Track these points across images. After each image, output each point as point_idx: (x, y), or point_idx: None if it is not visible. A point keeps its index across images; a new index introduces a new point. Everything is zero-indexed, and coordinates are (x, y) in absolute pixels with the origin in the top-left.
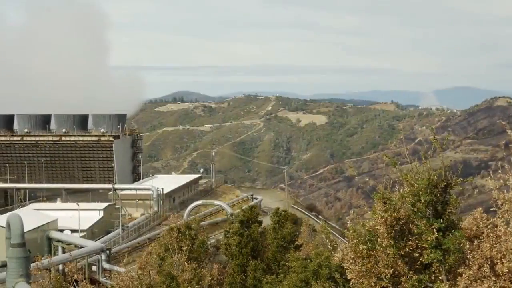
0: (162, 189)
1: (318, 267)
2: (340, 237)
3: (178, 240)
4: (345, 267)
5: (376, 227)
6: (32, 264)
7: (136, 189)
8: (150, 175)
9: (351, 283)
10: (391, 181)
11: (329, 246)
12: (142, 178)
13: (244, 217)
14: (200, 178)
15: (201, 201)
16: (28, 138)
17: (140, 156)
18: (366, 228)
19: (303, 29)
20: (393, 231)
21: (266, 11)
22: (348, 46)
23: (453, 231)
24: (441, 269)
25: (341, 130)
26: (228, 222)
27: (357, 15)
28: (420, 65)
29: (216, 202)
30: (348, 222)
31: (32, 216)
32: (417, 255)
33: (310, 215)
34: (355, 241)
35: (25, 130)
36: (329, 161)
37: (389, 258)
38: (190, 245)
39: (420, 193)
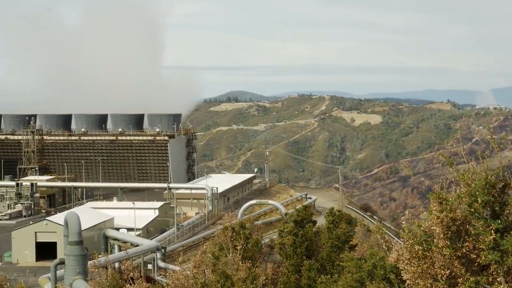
0: (217, 188)
1: (373, 267)
2: (395, 238)
3: (232, 239)
4: (400, 268)
5: (432, 228)
6: (89, 262)
7: (191, 188)
8: (205, 174)
9: (406, 284)
10: (447, 181)
11: (384, 247)
12: (197, 178)
13: (299, 217)
14: (254, 177)
15: (255, 200)
16: (85, 138)
17: (194, 156)
18: (422, 228)
19: (358, 29)
20: (450, 232)
21: (320, 11)
22: (403, 45)
23: (511, 232)
24: (499, 271)
25: (396, 129)
26: (282, 222)
27: (412, 13)
28: (477, 64)
29: (270, 201)
30: (403, 222)
31: (89, 214)
32: (474, 256)
33: (364, 215)
34: (410, 241)
35: (83, 129)
36: (384, 161)
37: (446, 259)
38: (244, 245)
39: (477, 193)
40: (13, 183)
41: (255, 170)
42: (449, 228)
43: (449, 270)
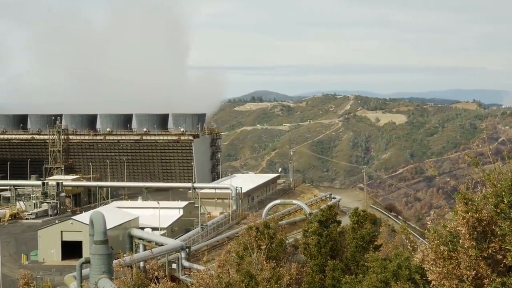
0: (241, 188)
1: (397, 268)
2: (420, 238)
3: (256, 239)
4: (425, 269)
5: (458, 228)
6: (114, 261)
7: (215, 188)
8: (229, 174)
9: (431, 284)
10: (473, 181)
11: (409, 247)
12: (221, 177)
13: (323, 217)
14: (278, 177)
15: (280, 200)
16: (111, 138)
17: (219, 155)
18: (447, 229)
19: (382, 28)
20: (475, 233)
21: (344, 10)
22: (429, 44)
23: None
24: None
25: (421, 129)
26: (306, 222)
27: (438, 12)
28: (504, 63)
29: (294, 201)
30: (428, 222)
31: (114, 214)
32: (501, 257)
33: (389, 215)
34: (435, 242)
35: (108, 129)
36: (409, 160)
37: (471, 260)
38: (268, 244)
39: (504, 193)
40: (39, 182)
41: (279, 170)
42: (475, 229)
43: (475, 271)
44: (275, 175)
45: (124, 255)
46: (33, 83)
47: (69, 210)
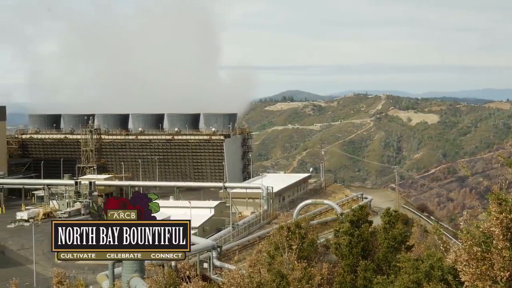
0: (272, 187)
1: (430, 268)
2: (453, 239)
3: (288, 238)
4: (458, 269)
5: (491, 229)
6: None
7: (246, 188)
8: (260, 174)
9: (464, 286)
10: (507, 181)
11: (441, 248)
12: (252, 177)
13: (354, 217)
14: (309, 177)
15: (311, 200)
16: (142, 137)
17: (250, 155)
18: (481, 229)
19: (413, 27)
20: (509, 233)
21: (374, 9)
22: (461, 43)
23: None
24: None
25: (454, 129)
26: (337, 222)
27: (470, 11)
28: None
29: (325, 201)
30: (461, 223)
31: None
32: None
33: (421, 216)
34: (469, 242)
35: (139, 129)
36: (441, 160)
37: (505, 261)
38: (300, 244)
39: None
40: (72, 181)
41: (311, 169)
42: (508, 230)
43: (509, 272)
44: (306, 174)
45: None
46: (66, 83)
47: None
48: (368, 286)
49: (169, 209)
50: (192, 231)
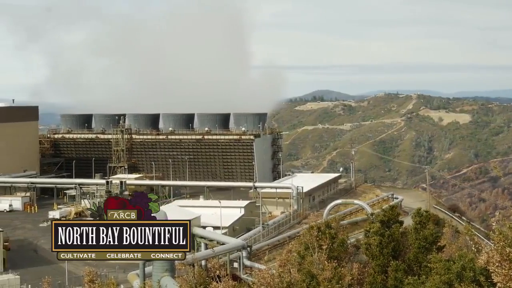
0: (302, 187)
1: (462, 269)
2: (485, 239)
3: (318, 238)
4: (490, 270)
5: None
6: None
7: (276, 188)
8: (290, 173)
9: (497, 286)
10: None
11: (473, 248)
12: (282, 177)
13: (385, 217)
14: (339, 177)
15: (341, 200)
16: (173, 137)
17: (280, 155)
18: None
19: (445, 26)
20: None
21: (406, 8)
22: (493, 42)
23: None
24: None
25: (486, 129)
26: (368, 222)
27: (499, 10)
28: None
29: (356, 201)
30: (493, 224)
31: (176, 212)
32: None
33: (453, 216)
34: (501, 243)
35: (170, 129)
36: (473, 160)
37: None
38: (330, 244)
39: None
40: (103, 181)
41: (341, 169)
42: None
43: None
44: (336, 174)
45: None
46: (97, 83)
47: None
48: (399, 286)
49: (199, 209)
50: (223, 231)
